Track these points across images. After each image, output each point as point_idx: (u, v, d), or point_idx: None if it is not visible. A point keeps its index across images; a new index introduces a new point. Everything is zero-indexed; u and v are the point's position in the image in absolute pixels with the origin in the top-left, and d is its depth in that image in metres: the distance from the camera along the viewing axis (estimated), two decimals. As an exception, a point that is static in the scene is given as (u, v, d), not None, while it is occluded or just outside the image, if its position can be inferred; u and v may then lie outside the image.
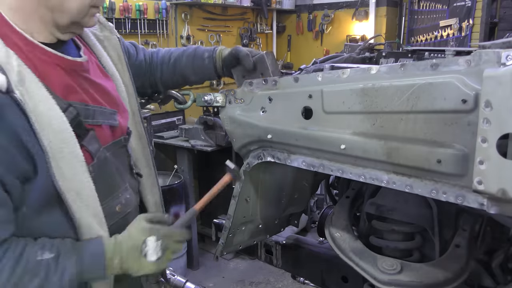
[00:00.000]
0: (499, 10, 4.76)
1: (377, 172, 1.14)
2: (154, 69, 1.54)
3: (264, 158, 1.38)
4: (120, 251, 1.07)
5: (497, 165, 0.88)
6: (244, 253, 2.52)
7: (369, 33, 5.00)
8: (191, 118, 4.42)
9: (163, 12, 4.31)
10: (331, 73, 1.19)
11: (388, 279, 1.31)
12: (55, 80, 1.04)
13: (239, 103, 1.37)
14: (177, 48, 1.60)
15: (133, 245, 1.08)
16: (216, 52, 1.50)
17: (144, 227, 1.11)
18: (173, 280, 2.29)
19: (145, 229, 1.10)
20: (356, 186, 1.74)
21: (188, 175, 3.79)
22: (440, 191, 1.04)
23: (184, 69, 1.53)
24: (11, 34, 1.00)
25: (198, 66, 1.51)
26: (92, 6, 1.07)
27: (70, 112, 1.02)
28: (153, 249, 1.08)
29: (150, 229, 1.10)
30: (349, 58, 2.09)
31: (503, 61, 0.91)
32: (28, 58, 1.00)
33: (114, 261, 1.06)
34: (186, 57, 1.53)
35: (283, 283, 3.69)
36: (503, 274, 1.46)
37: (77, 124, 1.04)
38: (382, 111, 1.08)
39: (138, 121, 1.37)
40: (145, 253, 1.08)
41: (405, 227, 1.49)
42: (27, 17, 1.02)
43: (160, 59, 1.55)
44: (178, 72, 1.54)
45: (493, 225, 1.49)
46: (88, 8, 1.06)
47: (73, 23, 1.07)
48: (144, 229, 1.10)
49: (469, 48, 3.01)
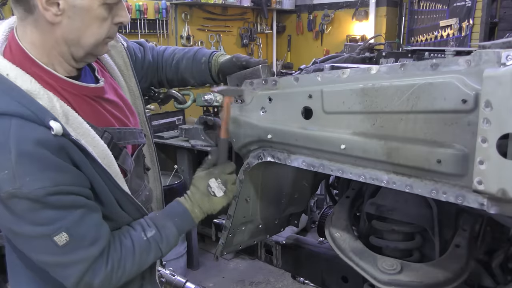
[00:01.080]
0: (499, 10, 4.77)
1: (377, 172, 1.14)
2: (160, 69, 1.58)
3: (264, 158, 1.38)
4: (196, 201, 1.30)
5: (497, 165, 0.88)
6: (244, 253, 2.52)
7: (369, 33, 5.01)
8: (191, 118, 4.43)
9: (163, 12, 4.32)
10: (331, 73, 1.19)
11: (388, 279, 1.31)
12: (86, 110, 1.12)
13: (239, 103, 1.37)
14: (182, 48, 1.62)
15: (202, 193, 1.30)
16: (213, 57, 1.52)
17: (201, 175, 1.33)
18: (173, 280, 2.29)
19: (203, 176, 1.32)
20: (356, 186, 1.74)
21: (188, 175, 3.79)
22: (440, 191, 1.04)
23: (184, 71, 1.56)
24: (39, 71, 1.05)
25: (196, 70, 1.54)
26: (106, 37, 1.11)
27: (105, 138, 1.13)
28: (217, 187, 1.31)
29: (207, 174, 1.32)
30: (349, 58, 2.09)
31: (503, 61, 0.90)
32: (61, 94, 1.07)
33: (195, 211, 1.29)
34: (186, 60, 1.55)
35: (283, 283, 3.69)
36: (503, 274, 1.46)
37: (112, 147, 1.15)
38: (382, 111, 1.08)
39: (143, 120, 1.44)
40: (213, 193, 1.31)
41: (405, 227, 1.49)
42: (47, 52, 1.07)
43: (165, 60, 1.57)
44: (180, 74, 1.57)
45: (493, 225, 1.49)
46: (103, 40, 1.11)
47: (87, 54, 1.11)
48: (203, 176, 1.32)
49: (469, 48, 3.01)
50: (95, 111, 1.16)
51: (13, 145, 0.94)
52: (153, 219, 1.23)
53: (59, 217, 1.01)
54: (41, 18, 1.01)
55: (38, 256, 1.06)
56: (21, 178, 0.95)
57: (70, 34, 1.05)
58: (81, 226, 1.04)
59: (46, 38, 1.05)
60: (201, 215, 1.31)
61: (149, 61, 1.55)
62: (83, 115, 1.09)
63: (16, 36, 1.07)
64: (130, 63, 1.41)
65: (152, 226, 1.21)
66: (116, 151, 1.17)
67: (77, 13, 1.02)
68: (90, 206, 1.08)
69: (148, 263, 1.21)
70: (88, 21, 1.04)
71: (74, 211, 1.03)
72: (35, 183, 0.96)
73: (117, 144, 1.19)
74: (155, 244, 1.19)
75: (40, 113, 0.98)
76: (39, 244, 1.03)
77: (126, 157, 1.23)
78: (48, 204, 0.98)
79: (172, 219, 1.25)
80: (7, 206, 0.97)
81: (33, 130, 0.96)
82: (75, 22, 1.03)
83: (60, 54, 1.08)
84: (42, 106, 0.99)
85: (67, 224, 1.02)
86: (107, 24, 1.09)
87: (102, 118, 1.18)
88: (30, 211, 0.98)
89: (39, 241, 1.02)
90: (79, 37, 1.06)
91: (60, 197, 1.00)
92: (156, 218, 1.24)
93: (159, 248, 1.20)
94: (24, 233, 1.02)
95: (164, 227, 1.22)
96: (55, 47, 1.06)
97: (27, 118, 0.96)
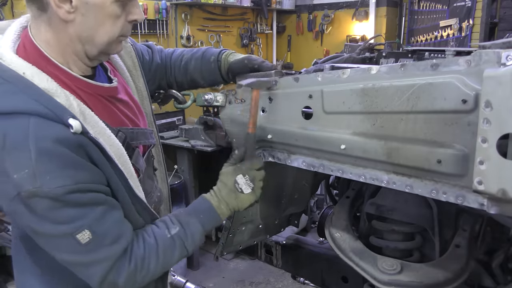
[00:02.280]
0: (499, 10, 4.77)
1: (377, 172, 1.14)
2: (169, 71, 1.57)
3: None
4: (222, 198, 1.27)
5: (497, 165, 0.89)
6: (244, 253, 2.53)
7: (369, 33, 5.01)
8: (191, 118, 4.42)
9: (163, 12, 4.32)
10: (331, 73, 1.20)
11: (388, 279, 1.31)
12: (101, 109, 1.12)
13: (239, 103, 1.37)
14: (190, 49, 1.61)
15: (229, 189, 1.28)
16: (222, 56, 1.51)
17: (229, 171, 1.30)
18: (173, 280, 2.29)
19: (230, 172, 1.29)
20: (356, 186, 1.74)
21: (188, 175, 3.79)
22: (440, 191, 1.04)
23: (193, 72, 1.55)
24: (54, 70, 1.05)
25: (206, 70, 1.53)
26: (120, 35, 1.11)
27: (120, 137, 1.13)
28: (245, 184, 1.28)
29: (234, 170, 1.29)
30: (349, 58, 2.09)
31: (503, 61, 0.91)
32: (77, 93, 1.07)
33: (222, 207, 1.26)
34: (195, 60, 1.54)
35: (283, 283, 3.69)
36: (503, 274, 1.46)
37: (126, 146, 1.15)
38: (382, 111, 1.08)
39: (150, 121, 1.43)
40: (240, 189, 1.28)
41: (405, 227, 1.49)
42: (62, 50, 1.07)
43: (173, 61, 1.57)
44: (189, 76, 1.56)
45: (493, 225, 1.49)
46: (117, 38, 1.11)
47: (101, 52, 1.11)
48: (230, 172, 1.29)
49: (469, 48, 3.01)
50: (109, 111, 1.16)
51: (32, 143, 0.94)
52: (177, 216, 1.21)
53: (80, 215, 1.00)
54: (54, 16, 1.01)
55: (61, 255, 1.05)
56: (42, 176, 0.94)
57: (84, 32, 1.05)
58: (103, 223, 1.03)
59: (60, 36, 1.05)
60: (227, 212, 1.29)
61: (157, 63, 1.55)
62: (98, 115, 1.08)
63: (30, 34, 1.07)
64: (138, 63, 1.41)
65: (176, 223, 1.19)
66: (130, 150, 1.17)
67: (90, 10, 1.02)
68: (110, 203, 1.07)
69: (174, 261, 1.18)
70: (101, 18, 1.04)
71: (95, 208, 1.02)
72: (55, 181, 0.95)
73: (131, 144, 1.18)
74: (179, 242, 1.17)
75: (58, 111, 0.97)
76: (61, 243, 1.02)
77: (139, 157, 1.22)
78: (69, 202, 0.98)
79: (197, 216, 1.23)
80: (28, 205, 0.96)
81: (52, 128, 0.96)
82: (88, 19, 1.03)
83: (74, 53, 1.08)
84: (60, 104, 0.99)
85: (89, 221, 1.01)
86: (121, 22, 1.08)
87: (116, 118, 1.18)
88: (51, 210, 0.97)
89: (62, 240, 1.01)
90: (92, 35, 1.06)
91: (81, 195, 0.99)
92: (181, 215, 1.22)
93: (184, 246, 1.18)
94: (46, 232, 1.01)
95: (189, 224, 1.20)
96: (69, 45, 1.06)
97: (45, 116, 0.96)
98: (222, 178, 1.30)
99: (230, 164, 1.32)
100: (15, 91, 0.97)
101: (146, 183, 1.30)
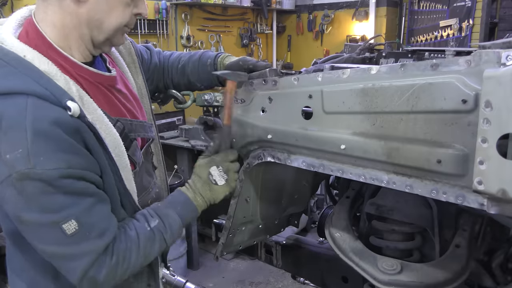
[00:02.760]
0: (499, 10, 4.77)
1: (377, 172, 1.14)
2: (167, 73, 1.58)
3: (264, 158, 1.38)
4: (197, 190, 1.28)
5: (497, 165, 0.88)
6: (244, 253, 2.52)
7: (369, 33, 5.01)
8: (191, 118, 4.43)
9: (163, 12, 4.32)
10: (331, 73, 1.19)
11: (388, 279, 1.31)
12: (100, 98, 1.13)
13: (239, 103, 1.37)
14: (188, 52, 1.63)
15: (203, 181, 1.29)
16: (218, 59, 1.52)
17: (203, 163, 1.31)
18: (173, 280, 2.29)
19: (204, 164, 1.31)
20: (356, 186, 1.74)
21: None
22: (440, 191, 1.04)
23: (190, 75, 1.56)
24: (55, 55, 1.06)
25: (202, 72, 1.54)
26: (125, 26, 1.14)
27: (118, 127, 1.13)
28: (219, 175, 1.29)
29: (208, 162, 1.31)
30: (349, 58, 2.09)
31: (503, 61, 0.90)
32: (77, 80, 1.07)
33: (198, 199, 1.28)
34: (192, 63, 1.55)
35: (283, 283, 3.69)
36: (503, 274, 1.46)
37: (124, 137, 1.15)
38: (382, 111, 1.08)
39: (150, 119, 1.43)
40: (214, 181, 1.29)
41: (405, 227, 1.49)
42: (67, 34, 1.07)
43: (171, 63, 1.58)
44: (186, 77, 1.57)
45: (493, 225, 1.49)
46: (122, 28, 1.13)
47: (107, 40, 1.13)
48: (204, 164, 1.31)
49: (469, 48, 3.01)
50: (108, 100, 1.16)
51: (28, 124, 0.93)
52: (155, 209, 1.22)
53: (69, 203, 0.99)
54: None
55: (44, 245, 1.03)
56: (35, 157, 0.93)
57: (95, 14, 1.06)
58: (91, 216, 1.02)
59: (68, 19, 1.06)
60: (203, 204, 1.30)
61: (156, 64, 1.56)
62: (97, 103, 1.08)
63: (34, 20, 1.08)
64: (138, 60, 1.42)
65: (155, 216, 1.19)
66: (127, 142, 1.17)
67: None
68: (100, 195, 1.06)
69: (153, 254, 1.19)
70: (113, 3, 1.07)
71: (85, 198, 1.01)
72: (49, 163, 0.94)
73: (128, 136, 1.18)
74: (159, 234, 1.17)
75: (57, 93, 0.98)
76: (46, 232, 1.00)
77: (136, 149, 1.22)
78: (60, 188, 0.96)
79: (174, 208, 1.23)
80: (18, 188, 0.95)
81: (50, 109, 0.96)
82: (101, 2, 1.06)
83: (80, 37, 1.09)
84: (60, 87, 1.00)
85: (77, 212, 0.99)
86: (129, 12, 1.11)
87: (115, 107, 1.18)
88: (41, 195, 0.96)
89: (47, 229, 0.99)
90: (102, 19, 1.08)
91: (73, 181, 0.98)
92: (158, 208, 1.22)
93: (164, 238, 1.18)
94: (32, 220, 0.99)
95: (167, 216, 1.20)
96: (76, 28, 1.07)
97: (43, 97, 0.96)
98: (196, 171, 1.32)
99: (205, 156, 1.33)
100: (15, 72, 0.98)
101: (144, 178, 1.30)
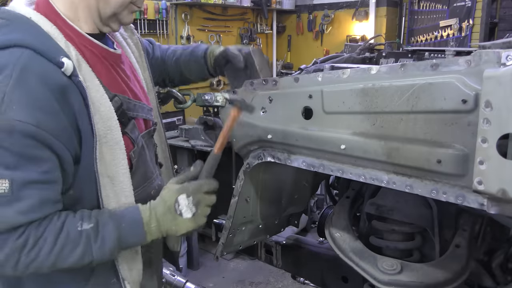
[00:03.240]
0: (499, 10, 4.77)
1: (377, 172, 1.14)
2: (166, 66, 1.59)
3: (264, 158, 1.38)
4: (156, 215, 1.09)
5: (497, 165, 0.89)
6: (244, 253, 2.52)
7: (369, 33, 5.01)
8: (191, 118, 4.42)
9: (163, 12, 4.32)
10: (331, 73, 1.19)
11: (388, 279, 1.31)
12: (102, 71, 1.11)
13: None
14: (182, 46, 1.64)
15: (167, 208, 1.10)
16: (208, 51, 1.53)
17: (173, 188, 1.12)
18: (173, 280, 2.29)
19: (175, 190, 1.12)
20: (356, 186, 1.74)
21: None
22: (440, 191, 1.04)
23: (183, 67, 1.56)
24: (62, 25, 1.06)
25: (194, 65, 1.54)
26: (132, 3, 1.13)
27: (115, 101, 1.09)
28: (186, 206, 1.09)
29: (179, 188, 1.12)
30: (349, 58, 2.09)
31: (503, 61, 0.91)
32: (80, 49, 1.08)
33: (151, 225, 1.09)
34: (184, 56, 1.56)
35: (283, 283, 3.69)
36: (503, 274, 1.46)
37: (121, 113, 1.11)
38: (382, 111, 1.08)
39: (156, 115, 1.42)
40: (180, 212, 1.09)
41: (405, 227, 1.49)
42: (76, 5, 1.08)
43: (167, 56, 1.59)
44: (179, 70, 1.58)
45: (493, 225, 1.49)
46: (128, 3, 1.12)
47: (113, 14, 1.12)
48: (174, 190, 1.12)
49: (469, 48, 3.02)
50: (110, 76, 1.14)
51: (16, 71, 0.94)
52: (99, 213, 1.06)
53: (16, 165, 0.92)
54: None
55: None
56: (9, 104, 0.91)
57: None
58: (28, 188, 0.94)
59: None
60: (156, 233, 1.11)
61: (157, 58, 1.57)
62: (97, 74, 1.08)
63: None
64: (144, 55, 1.43)
65: (93, 220, 1.03)
66: (125, 119, 1.12)
67: None
68: (54, 178, 0.98)
69: (70, 260, 1.01)
70: None
71: (35, 169, 0.94)
72: (19, 114, 0.91)
73: (127, 113, 1.13)
74: (86, 240, 1.01)
75: (54, 50, 0.99)
76: None
77: (134, 128, 1.16)
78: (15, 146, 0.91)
79: (118, 222, 1.06)
80: None
81: (42, 64, 0.96)
82: None
83: (88, 9, 1.09)
84: (58, 45, 1.01)
85: (18, 176, 0.92)
86: None
87: (116, 83, 1.15)
88: None
89: None
90: None
91: (35, 144, 0.93)
92: (103, 214, 1.06)
93: (90, 247, 1.01)
94: None
95: (105, 226, 1.04)
96: None
97: (39, 52, 0.97)
98: (163, 193, 1.13)
99: (179, 180, 1.15)
100: (17, 28, 1.00)
101: (147, 168, 1.26)
